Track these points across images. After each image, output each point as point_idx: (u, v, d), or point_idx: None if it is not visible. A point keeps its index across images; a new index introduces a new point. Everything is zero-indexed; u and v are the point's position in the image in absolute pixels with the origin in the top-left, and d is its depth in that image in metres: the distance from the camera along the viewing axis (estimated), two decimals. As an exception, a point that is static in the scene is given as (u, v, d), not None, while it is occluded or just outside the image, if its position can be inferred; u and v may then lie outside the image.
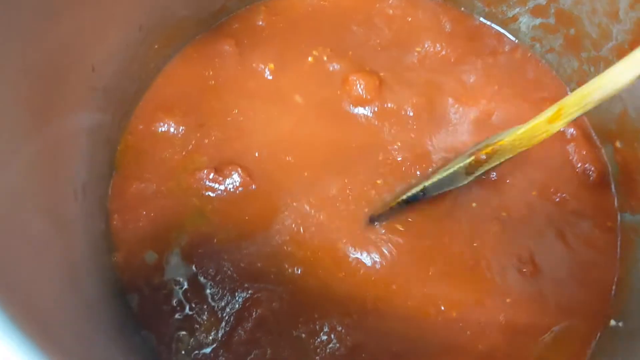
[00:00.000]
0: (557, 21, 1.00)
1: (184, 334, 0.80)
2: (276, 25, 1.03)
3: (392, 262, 0.86)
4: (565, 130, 0.97)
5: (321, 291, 0.83)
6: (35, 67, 0.65)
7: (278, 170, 0.90)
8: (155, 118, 0.92)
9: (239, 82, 0.96)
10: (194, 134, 0.92)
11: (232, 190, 0.88)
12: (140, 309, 0.82)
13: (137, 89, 0.93)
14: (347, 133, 0.94)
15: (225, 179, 0.88)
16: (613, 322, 0.86)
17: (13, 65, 0.60)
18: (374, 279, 0.84)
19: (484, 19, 1.09)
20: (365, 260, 0.85)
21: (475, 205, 0.90)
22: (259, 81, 0.97)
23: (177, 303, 0.81)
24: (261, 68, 0.97)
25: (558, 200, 0.92)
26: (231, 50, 0.98)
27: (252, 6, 1.05)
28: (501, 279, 0.86)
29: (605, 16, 0.90)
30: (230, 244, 0.85)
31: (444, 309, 0.84)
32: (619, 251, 0.91)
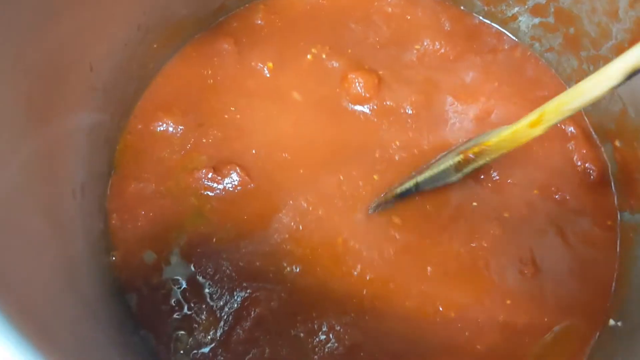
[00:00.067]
0: (557, 20, 1.00)
1: (182, 334, 0.80)
2: (275, 23, 1.03)
3: (390, 260, 0.86)
4: (565, 129, 0.97)
5: (319, 290, 0.83)
6: (34, 66, 0.64)
7: (277, 169, 0.90)
8: (154, 117, 0.92)
9: (238, 81, 0.96)
10: (192, 133, 0.91)
11: (230, 190, 0.88)
12: (139, 308, 0.82)
13: (136, 88, 0.93)
14: (346, 131, 0.94)
15: (224, 178, 0.88)
16: (612, 321, 0.86)
17: (11, 64, 0.60)
18: (371, 276, 0.84)
19: (483, 17, 1.09)
20: (364, 256, 0.85)
21: (476, 204, 0.91)
22: (257, 80, 0.97)
23: (175, 303, 0.81)
24: (260, 67, 0.97)
25: (558, 198, 0.92)
26: (230, 49, 0.98)
27: (251, 5, 1.04)
28: (501, 279, 0.86)
29: (605, 15, 0.90)
30: (229, 244, 0.85)
31: (442, 309, 0.84)
32: (618, 250, 0.91)
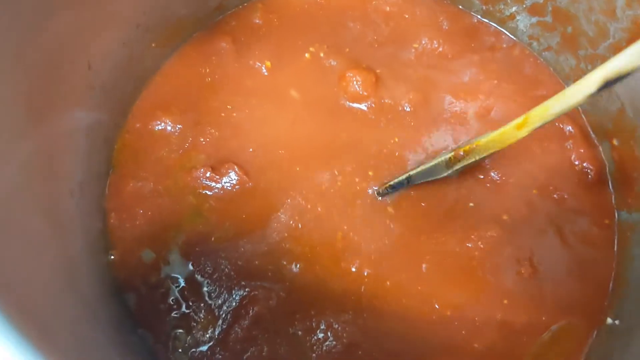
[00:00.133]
0: (555, 19, 1.00)
1: (181, 332, 0.80)
2: (273, 22, 1.03)
3: (388, 256, 0.86)
4: (563, 128, 0.97)
5: (318, 288, 0.83)
6: (33, 66, 0.65)
7: (275, 168, 0.90)
8: (153, 116, 0.92)
9: (236, 80, 0.96)
10: (191, 132, 0.92)
11: (229, 189, 0.88)
12: (137, 307, 0.82)
13: (134, 87, 0.93)
14: (344, 129, 0.94)
15: (222, 177, 0.88)
16: (609, 320, 0.86)
17: (10, 63, 0.60)
18: (369, 272, 0.85)
19: (481, 16, 1.09)
20: (362, 250, 0.86)
21: (473, 205, 0.91)
22: (256, 79, 0.97)
23: (174, 301, 0.82)
24: (258, 65, 0.97)
25: (557, 198, 0.92)
26: (228, 48, 0.98)
27: (249, 4, 1.04)
28: (498, 279, 0.86)
29: (602, 14, 0.90)
30: (228, 242, 0.85)
31: (438, 307, 0.84)
32: (616, 249, 0.92)
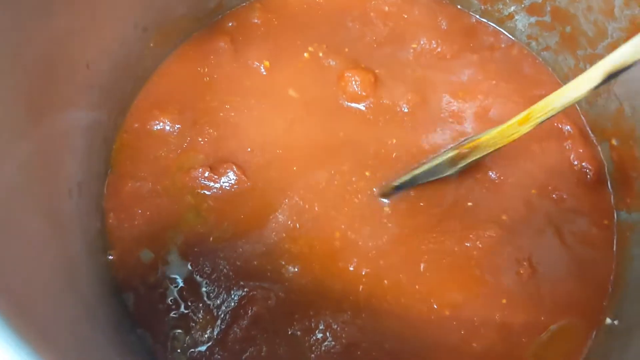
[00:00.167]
0: (553, 19, 1.00)
1: (179, 332, 0.80)
2: (271, 22, 1.03)
3: (386, 255, 0.86)
4: (562, 128, 0.97)
5: (316, 288, 0.83)
6: (30, 65, 0.64)
7: (273, 168, 0.90)
8: (151, 116, 0.92)
9: (235, 80, 0.96)
10: (189, 132, 0.91)
11: (227, 189, 0.88)
12: (136, 307, 0.82)
13: (132, 86, 0.93)
14: (343, 129, 0.94)
15: (221, 177, 0.87)
16: (608, 320, 0.86)
17: (8, 63, 0.60)
18: (366, 273, 0.84)
19: (480, 16, 1.09)
20: (360, 249, 0.86)
21: (472, 204, 0.91)
22: (254, 78, 0.97)
23: (172, 301, 0.81)
24: (256, 65, 0.97)
25: (555, 198, 0.92)
26: (227, 47, 0.98)
27: (248, 4, 1.05)
28: (497, 279, 0.86)
29: (601, 14, 0.90)
30: (226, 243, 0.85)
31: (436, 307, 0.84)
32: (615, 249, 0.92)
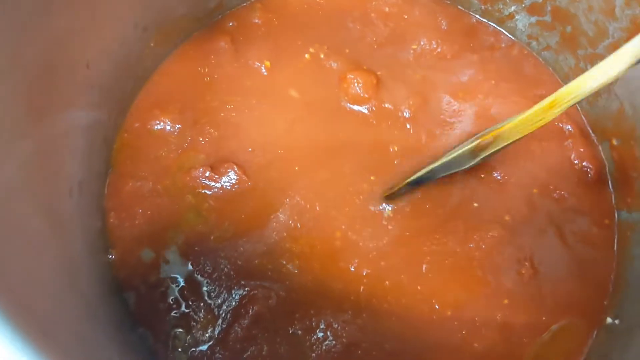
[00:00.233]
0: (554, 19, 1.00)
1: (180, 332, 0.80)
2: (272, 22, 1.03)
3: (386, 255, 0.86)
4: (563, 127, 0.97)
5: (317, 288, 0.83)
6: (31, 64, 0.64)
7: (274, 168, 0.90)
8: (151, 116, 0.92)
9: (235, 80, 0.96)
10: (189, 131, 0.91)
11: (228, 188, 0.88)
12: (137, 306, 0.82)
13: (133, 86, 0.93)
14: (345, 131, 0.94)
15: (222, 177, 0.87)
16: (609, 319, 0.86)
17: (8, 62, 0.60)
18: (367, 273, 0.84)
19: (480, 16, 1.09)
20: (361, 249, 0.85)
21: (477, 205, 0.91)
22: (255, 78, 0.97)
23: (173, 301, 0.81)
24: (257, 65, 0.97)
25: (557, 197, 0.92)
26: (227, 47, 0.98)
27: (248, 4, 1.04)
28: (498, 279, 0.86)
29: (602, 14, 0.90)
30: (227, 242, 0.85)
31: (438, 307, 0.84)
32: (615, 249, 0.92)
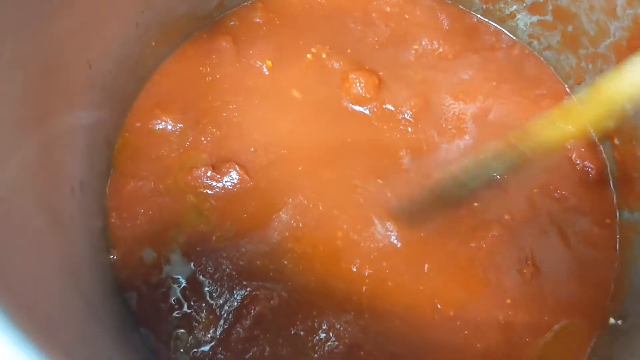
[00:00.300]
0: (555, 18, 1.00)
1: (182, 332, 0.80)
2: (274, 22, 1.02)
3: (388, 256, 0.86)
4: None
5: (319, 288, 0.83)
6: (32, 65, 0.64)
7: (276, 168, 0.90)
8: (153, 115, 0.91)
9: (237, 79, 0.96)
10: (191, 131, 0.91)
11: (230, 188, 0.87)
12: (138, 307, 0.81)
13: (134, 86, 0.93)
14: (347, 131, 0.94)
15: (223, 176, 0.87)
16: (612, 320, 0.86)
17: (9, 62, 0.60)
18: (369, 274, 0.84)
19: (481, 16, 1.09)
20: (363, 250, 0.85)
21: (477, 204, 0.90)
22: (256, 78, 0.96)
23: (175, 301, 0.81)
24: (259, 65, 0.97)
25: (558, 197, 0.92)
26: (228, 47, 0.97)
27: (249, 3, 1.04)
28: (500, 279, 0.86)
29: (603, 13, 0.90)
30: (229, 242, 0.84)
31: (440, 307, 0.84)
32: (617, 248, 0.91)
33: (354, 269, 0.84)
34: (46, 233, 0.66)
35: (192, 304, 0.81)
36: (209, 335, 0.80)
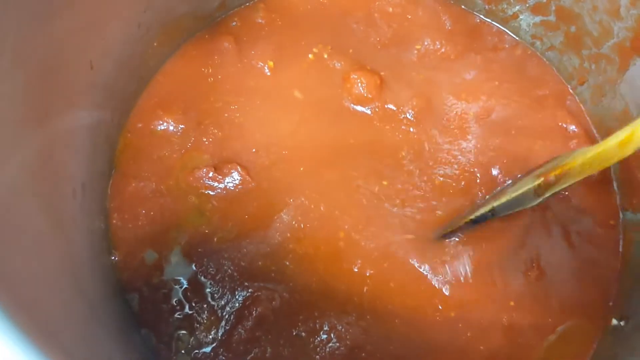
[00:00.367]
0: (558, 19, 1.00)
1: (184, 333, 0.80)
2: (275, 22, 1.02)
3: (390, 256, 0.85)
4: (567, 128, 0.96)
5: (321, 289, 0.83)
6: (34, 65, 0.64)
7: (278, 168, 0.89)
8: (155, 116, 0.91)
9: (239, 80, 0.96)
10: (193, 132, 0.91)
11: (231, 189, 0.87)
12: (140, 308, 0.81)
13: (136, 86, 0.93)
14: (349, 131, 0.93)
15: (225, 177, 0.87)
16: (614, 321, 0.86)
17: (11, 63, 0.60)
18: (371, 274, 0.84)
19: (484, 16, 1.09)
20: (364, 251, 0.85)
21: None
22: (258, 78, 0.96)
23: (177, 302, 0.81)
24: (260, 65, 0.97)
25: (561, 197, 0.92)
26: (230, 47, 0.97)
27: (251, 3, 1.04)
28: (504, 281, 0.86)
29: (606, 13, 0.90)
30: (230, 243, 0.84)
31: (441, 307, 0.83)
32: (621, 249, 0.91)
33: (356, 270, 0.84)
34: (47, 233, 0.66)
35: (194, 305, 0.81)
36: (210, 337, 0.79)
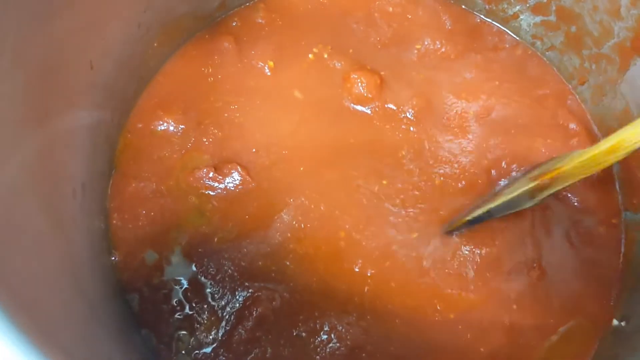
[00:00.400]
0: (558, 19, 0.99)
1: (184, 334, 0.79)
2: (275, 22, 1.02)
3: (391, 256, 0.85)
4: (568, 126, 0.96)
5: (321, 289, 0.83)
6: (34, 65, 0.64)
7: (278, 168, 0.89)
8: (155, 116, 0.91)
9: (239, 80, 0.96)
10: (193, 132, 0.91)
11: (232, 189, 0.87)
12: (140, 308, 0.81)
13: (136, 86, 0.93)
14: (349, 131, 0.93)
15: (225, 177, 0.87)
16: (616, 322, 0.85)
17: (11, 63, 0.60)
18: (372, 274, 0.84)
19: (484, 16, 1.09)
20: (365, 250, 0.85)
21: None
22: (258, 79, 0.96)
23: (177, 302, 0.81)
24: (261, 65, 0.97)
25: (562, 197, 0.92)
26: (231, 47, 0.97)
27: (251, 3, 1.04)
28: (505, 281, 0.86)
29: (607, 13, 0.90)
30: (231, 243, 0.84)
31: (439, 307, 0.83)
32: (622, 250, 0.91)
33: (356, 269, 0.84)
34: (47, 234, 0.66)
35: (194, 305, 0.81)
36: (210, 337, 0.79)
